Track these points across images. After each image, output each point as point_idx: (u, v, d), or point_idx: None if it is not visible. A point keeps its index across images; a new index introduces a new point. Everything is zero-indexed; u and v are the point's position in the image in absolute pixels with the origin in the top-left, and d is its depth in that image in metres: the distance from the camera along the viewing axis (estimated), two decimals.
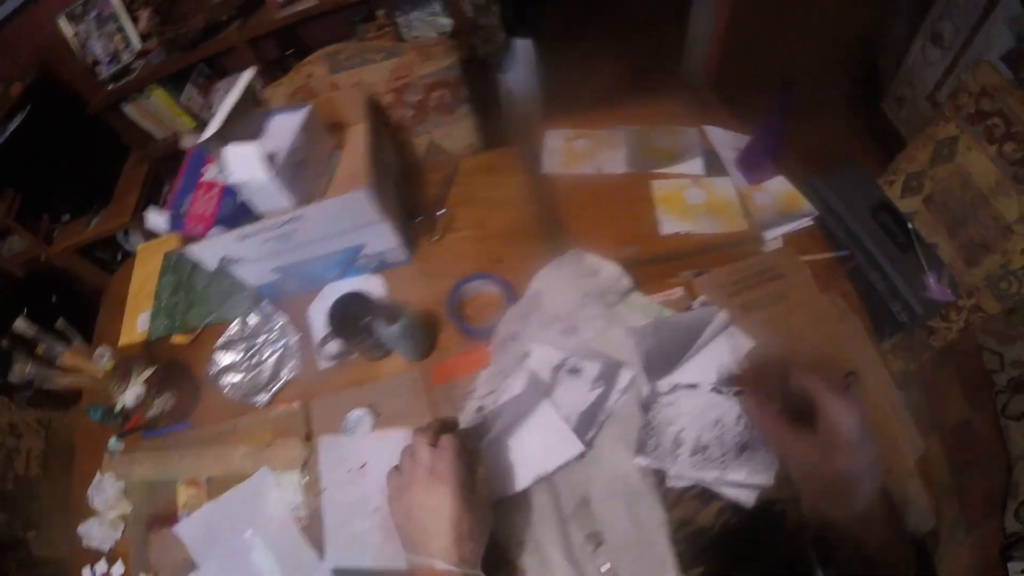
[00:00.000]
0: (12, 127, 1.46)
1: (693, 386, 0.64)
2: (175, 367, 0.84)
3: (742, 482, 0.59)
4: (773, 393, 0.39)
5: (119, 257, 1.97)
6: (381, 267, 0.80)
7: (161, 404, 0.79)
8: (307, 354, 0.78)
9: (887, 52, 1.13)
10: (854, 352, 0.68)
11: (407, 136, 0.83)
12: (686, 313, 0.70)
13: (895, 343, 0.99)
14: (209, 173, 0.72)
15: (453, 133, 0.85)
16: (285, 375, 0.77)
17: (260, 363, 0.79)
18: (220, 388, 0.81)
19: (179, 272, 0.96)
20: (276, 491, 0.71)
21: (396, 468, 0.50)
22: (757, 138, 0.81)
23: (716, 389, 0.64)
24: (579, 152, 0.80)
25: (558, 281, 0.68)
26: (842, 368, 0.67)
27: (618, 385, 0.64)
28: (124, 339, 0.93)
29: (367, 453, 0.69)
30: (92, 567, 0.77)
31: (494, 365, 0.67)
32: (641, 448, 0.61)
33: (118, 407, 0.76)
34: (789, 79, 0.73)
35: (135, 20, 1.48)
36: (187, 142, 0.78)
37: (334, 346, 0.71)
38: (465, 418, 0.66)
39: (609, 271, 0.68)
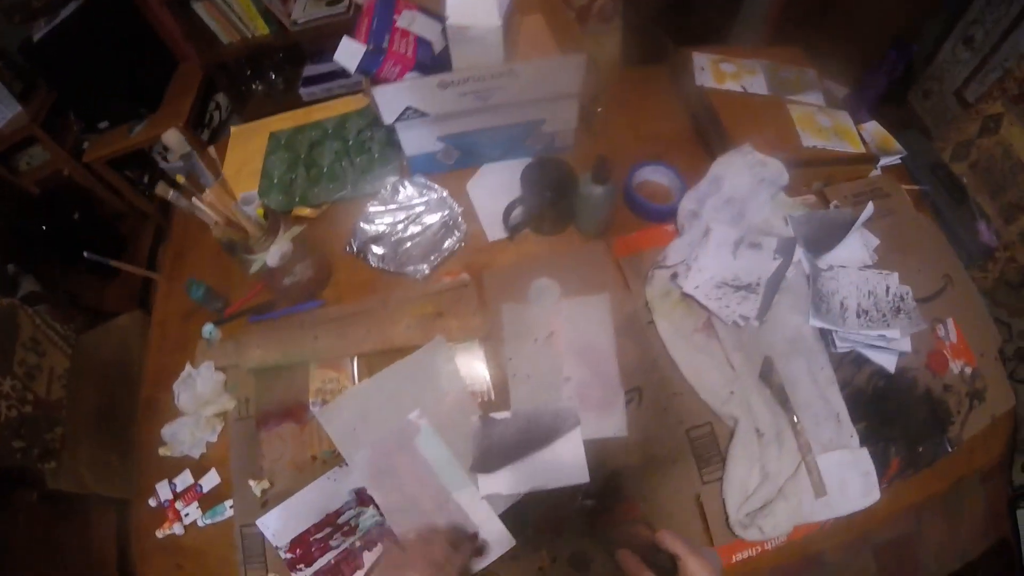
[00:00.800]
0: (65, 14, 1.29)
1: (843, 266, 0.73)
2: (305, 237, 0.77)
3: (896, 341, 0.68)
4: (644, 552, 0.48)
5: (146, 179, 1.78)
6: (546, 151, 0.80)
7: (301, 271, 0.73)
8: (472, 226, 0.77)
9: (920, 49, 1.34)
10: (946, 260, 0.81)
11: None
12: (831, 210, 0.79)
13: None
14: (401, 20, 0.70)
15: (604, 43, 0.89)
16: (449, 246, 0.75)
17: (418, 233, 0.76)
18: (365, 260, 0.77)
19: (294, 149, 0.90)
20: (450, 365, 0.66)
21: (396, 542, 0.52)
22: (862, 86, 0.94)
23: (862, 268, 0.74)
24: (726, 72, 0.88)
25: (735, 168, 0.74)
26: (940, 270, 0.79)
27: (794, 258, 0.71)
28: None
29: (556, 321, 0.68)
30: (171, 481, 0.67)
31: (685, 236, 0.71)
32: (816, 312, 0.68)
33: (255, 266, 0.68)
34: (905, 42, 0.86)
35: None
36: None
37: (521, 212, 0.71)
38: (655, 287, 0.69)
39: (775, 165, 0.75)
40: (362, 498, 0.62)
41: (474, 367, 0.67)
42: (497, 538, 0.59)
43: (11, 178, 1.67)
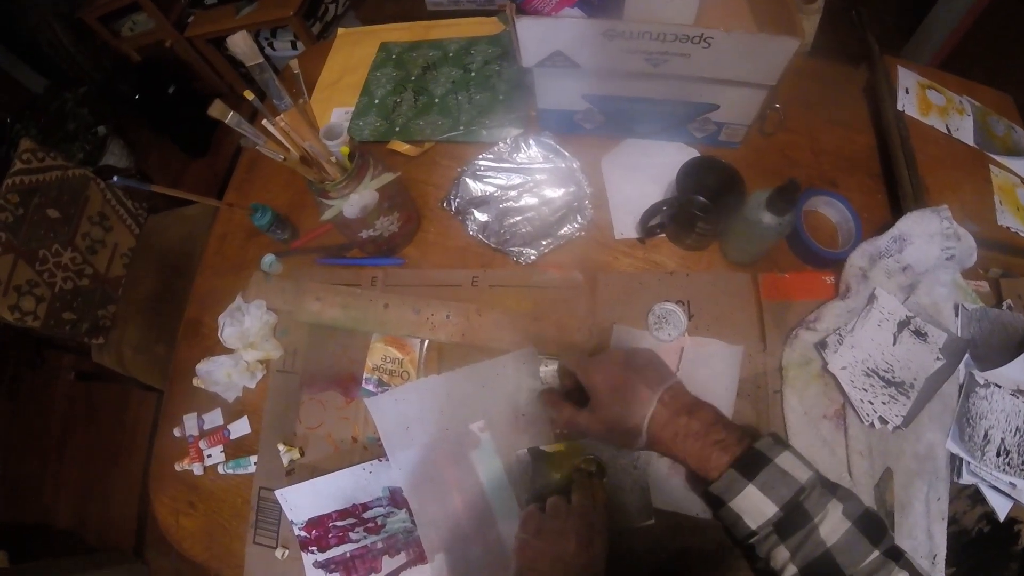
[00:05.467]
0: None
1: (999, 386, 0.62)
2: (397, 187, 0.62)
3: (1020, 491, 0.58)
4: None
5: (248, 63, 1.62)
6: (707, 142, 0.63)
7: (384, 226, 0.58)
8: (598, 214, 0.61)
9: None
10: None
11: None
12: (1004, 311, 0.66)
13: None
14: None
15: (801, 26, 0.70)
16: (567, 232, 0.60)
17: (532, 207, 0.62)
18: (462, 224, 0.62)
19: (405, 67, 0.72)
20: (535, 382, 0.54)
21: (538, 508, 0.47)
22: None
23: (1015, 394, 0.62)
24: (933, 103, 0.69)
25: (926, 232, 0.59)
26: None
27: (959, 364, 0.58)
28: None
29: (674, 360, 0.54)
30: (200, 416, 0.59)
31: (847, 300, 0.58)
32: (959, 435, 0.57)
33: (330, 213, 0.54)
34: None
35: None
36: None
37: (664, 215, 0.57)
38: (795, 351, 0.57)
39: (968, 242, 0.60)
40: (396, 499, 0.53)
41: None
42: None
43: (113, 41, 1.62)
